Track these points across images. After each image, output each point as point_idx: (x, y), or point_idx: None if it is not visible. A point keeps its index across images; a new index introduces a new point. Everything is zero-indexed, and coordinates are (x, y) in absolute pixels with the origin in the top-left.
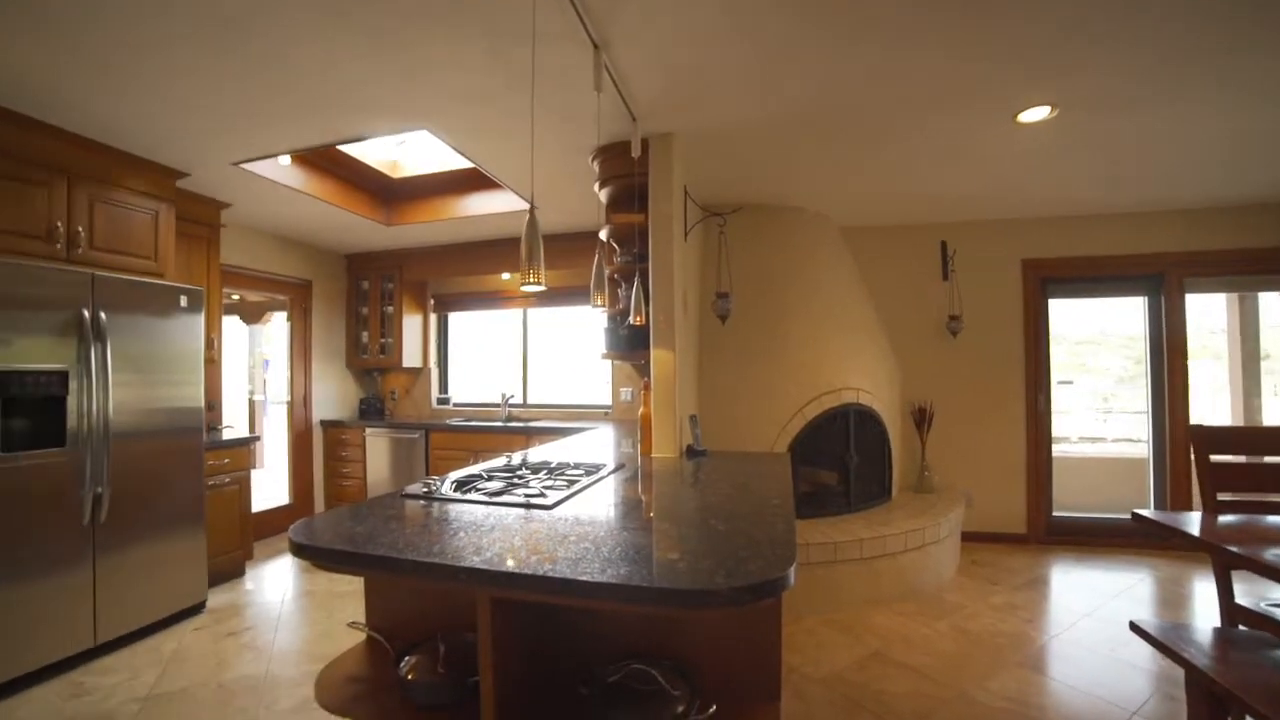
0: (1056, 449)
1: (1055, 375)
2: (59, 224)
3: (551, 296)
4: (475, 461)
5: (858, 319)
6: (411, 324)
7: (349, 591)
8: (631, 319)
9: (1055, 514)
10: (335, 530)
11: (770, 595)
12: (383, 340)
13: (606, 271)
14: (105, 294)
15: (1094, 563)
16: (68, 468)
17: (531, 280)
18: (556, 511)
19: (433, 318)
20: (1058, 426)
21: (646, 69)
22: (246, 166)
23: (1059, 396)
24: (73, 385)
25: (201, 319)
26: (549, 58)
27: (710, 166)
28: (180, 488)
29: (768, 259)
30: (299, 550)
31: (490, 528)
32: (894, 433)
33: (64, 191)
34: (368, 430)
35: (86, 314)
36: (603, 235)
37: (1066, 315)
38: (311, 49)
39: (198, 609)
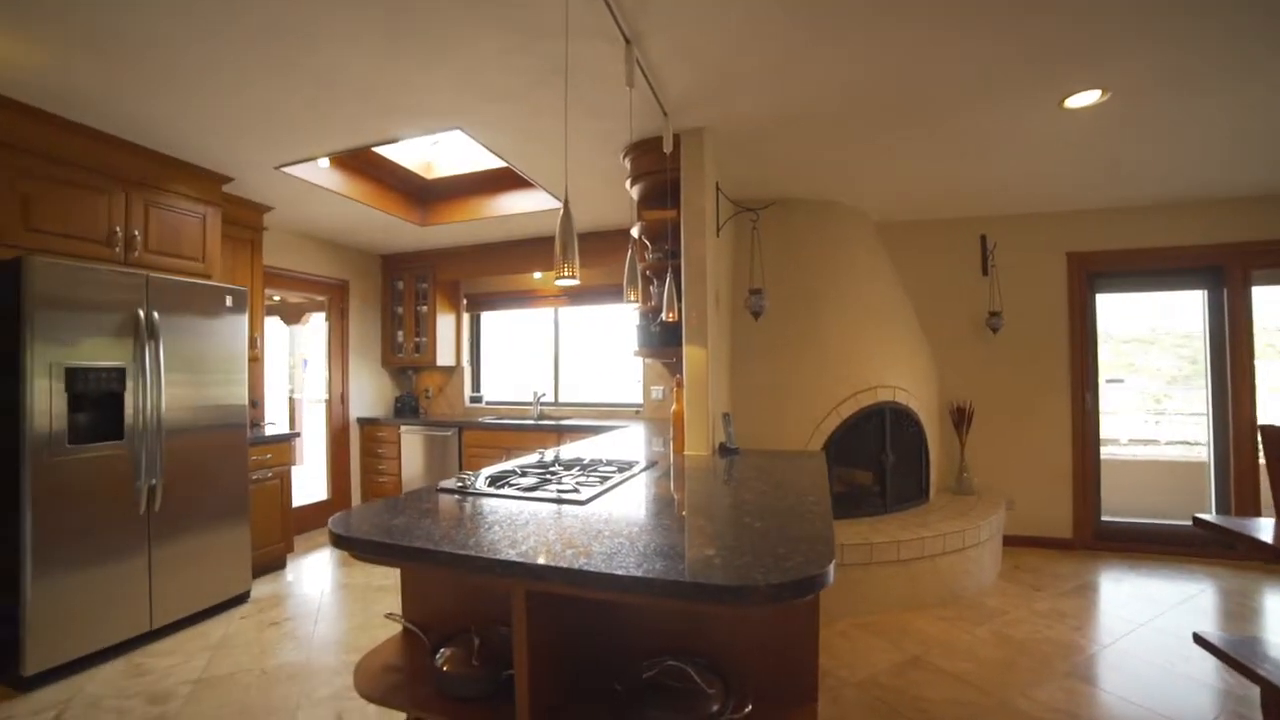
0: (1105, 451)
1: (1102, 375)
2: (117, 228)
3: (583, 295)
4: (508, 459)
5: (894, 316)
6: (445, 323)
7: (385, 585)
8: (664, 315)
9: (1104, 519)
10: (373, 522)
11: (809, 592)
12: (417, 339)
13: (639, 268)
14: (158, 295)
15: (1149, 570)
16: (125, 460)
17: (566, 274)
18: (590, 507)
19: (465, 317)
20: (1106, 428)
21: (678, 62)
22: (288, 170)
23: (1107, 397)
24: (129, 382)
25: (245, 319)
26: (579, 54)
27: (742, 161)
28: (226, 482)
29: (801, 255)
30: (339, 541)
31: (524, 522)
32: (931, 432)
33: (122, 198)
34: (403, 428)
35: (142, 314)
36: (634, 232)
37: (1112, 313)
38: (349, 54)
39: (242, 599)
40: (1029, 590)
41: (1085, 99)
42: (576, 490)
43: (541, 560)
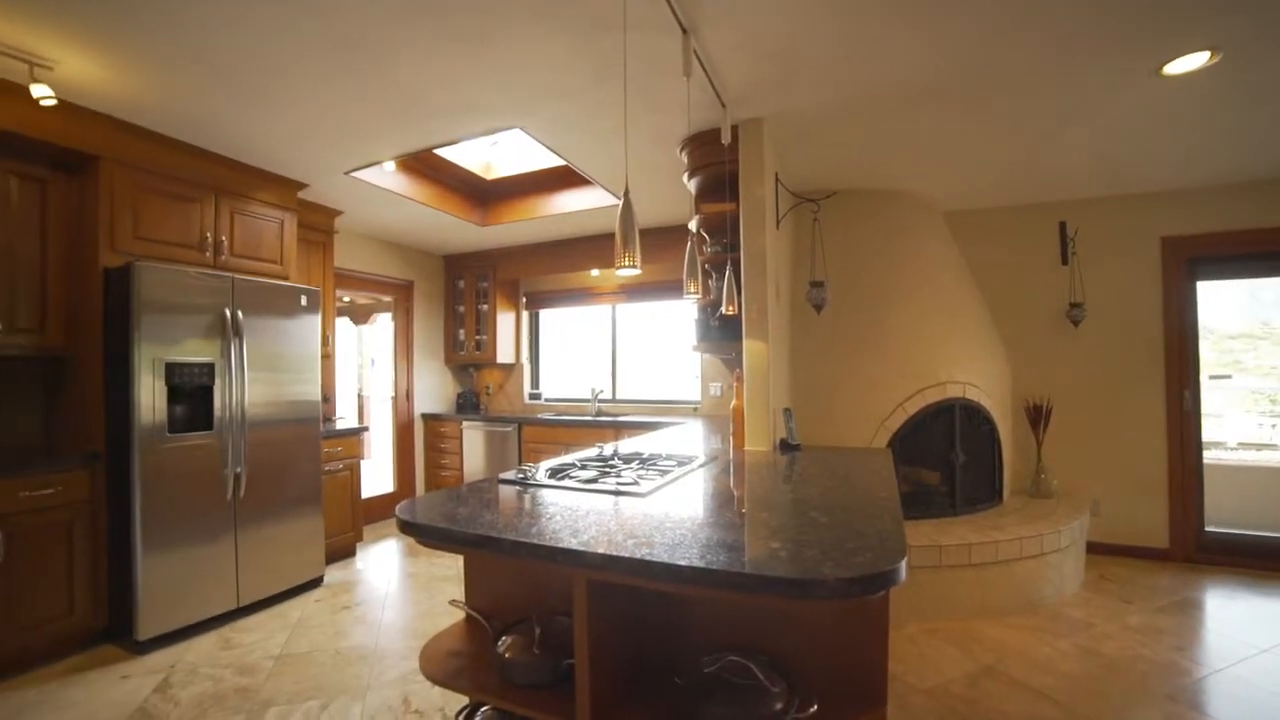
0: (1209, 455)
1: (1203, 372)
2: (208, 234)
3: (640, 291)
4: (565, 454)
5: (963, 308)
6: (505, 321)
7: (448, 576)
8: (723, 308)
9: (1209, 529)
10: (438, 510)
11: (879, 589)
12: (478, 337)
13: (698, 261)
14: (242, 295)
15: (1269, 589)
16: (214, 450)
17: (627, 264)
18: (650, 500)
19: (524, 315)
20: (1209, 430)
21: (736, 52)
22: (357, 175)
23: (1210, 396)
24: (218, 377)
25: (319, 318)
26: (637, 48)
27: (802, 151)
28: (301, 472)
29: (864, 246)
30: (406, 527)
31: (585, 513)
32: (1005, 431)
33: (212, 206)
34: (464, 423)
35: (228, 313)
36: (692, 226)
37: (1214, 307)
38: (414, 58)
39: (316, 583)
40: (1118, 603)
41: (1189, 64)
42: (636, 483)
43: (604, 550)
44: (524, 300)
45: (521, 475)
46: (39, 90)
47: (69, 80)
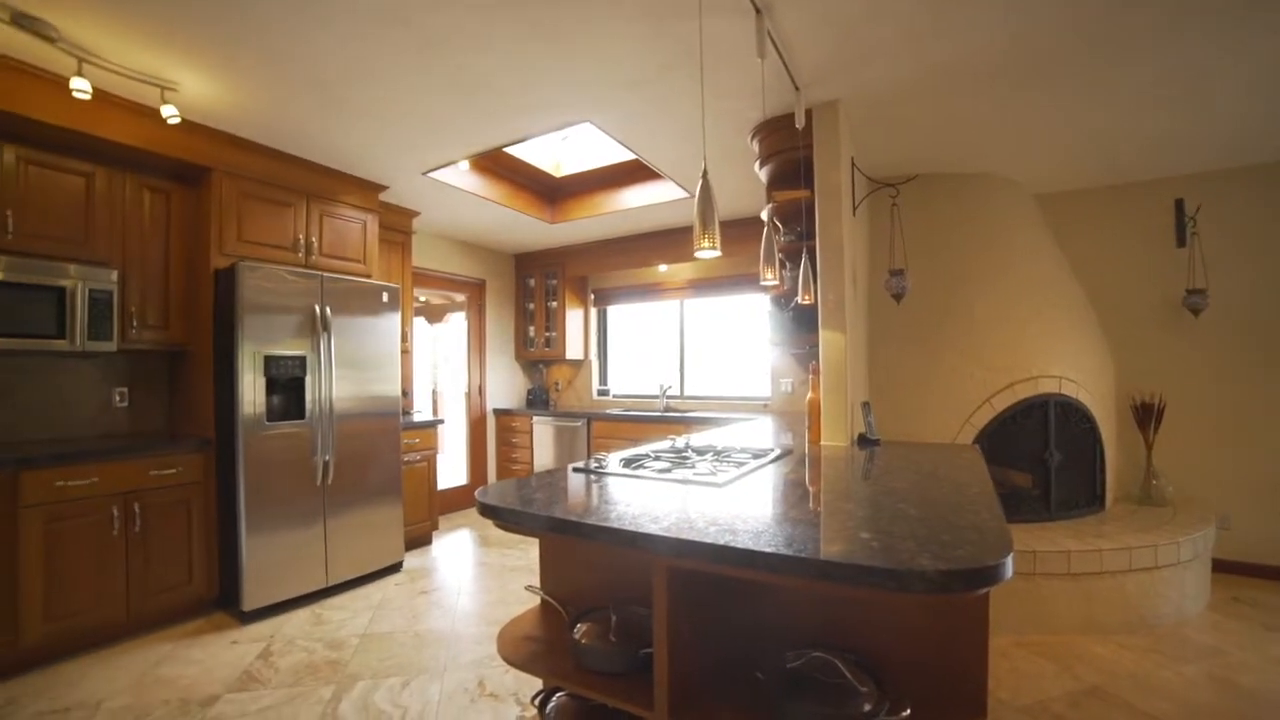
0: None
1: None
2: (300, 236)
3: (708, 285)
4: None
5: (1058, 297)
6: (574, 318)
7: (519, 566)
8: (799, 298)
9: None
10: (516, 496)
11: (983, 585)
12: (547, 334)
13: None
14: (330, 293)
15: None
16: (306, 438)
17: (706, 245)
18: (728, 490)
19: (593, 311)
20: None
21: (810, 30)
22: (433, 175)
23: None
24: (309, 370)
25: (399, 315)
26: (707, 32)
27: (879, 135)
28: (383, 462)
29: (947, 232)
30: (486, 510)
31: (663, 501)
32: (1107, 430)
33: (304, 209)
34: (535, 418)
35: (318, 309)
36: (764, 215)
37: None
38: (491, 56)
39: (396, 568)
40: (1258, 629)
41: None
42: (713, 474)
43: (686, 537)
44: (592, 297)
45: (596, 464)
46: (167, 110)
47: (189, 100)
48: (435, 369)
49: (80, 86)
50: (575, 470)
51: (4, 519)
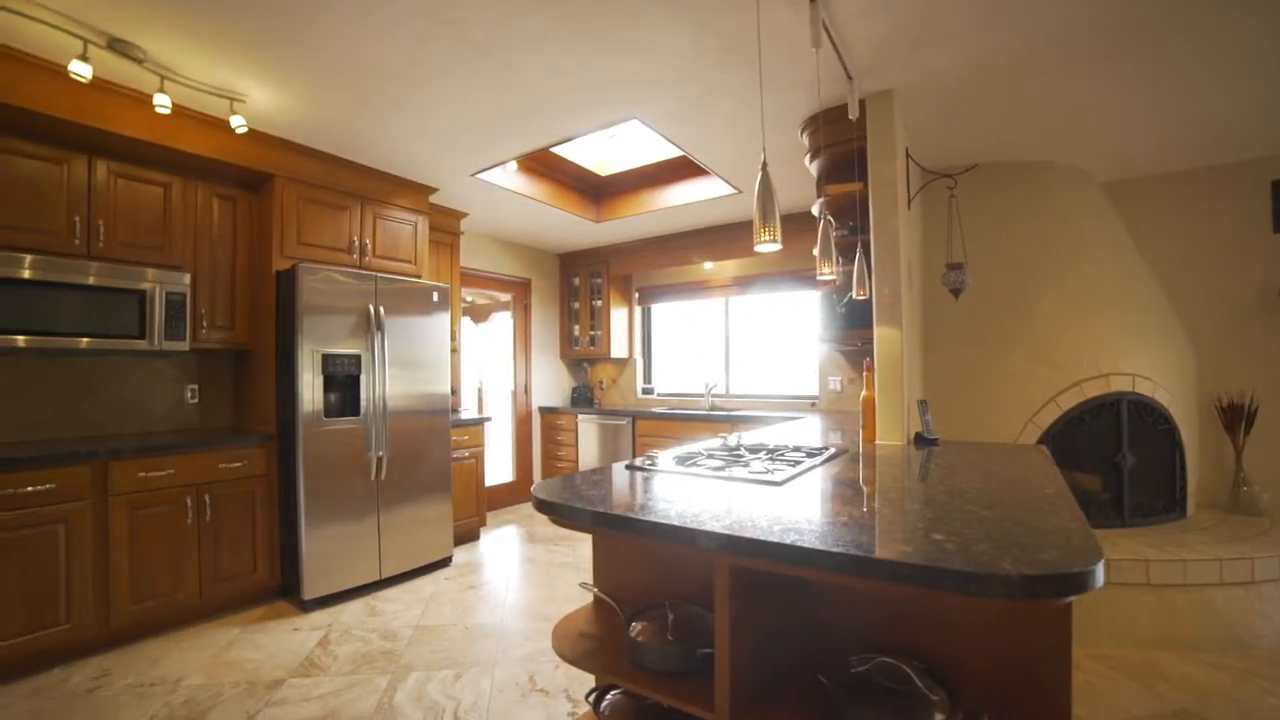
0: None
1: None
2: (355, 238)
3: (754, 282)
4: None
5: (1130, 290)
6: (618, 316)
7: (565, 563)
8: (854, 293)
9: None
10: (573, 493)
11: (1074, 591)
12: (592, 333)
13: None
14: (383, 293)
15: None
16: (360, 434)
17: (766, 238)
18: (787, 489)
19: (637, 310)
20: None
21: (865, 17)
22: (482, 176)
23: None
24: (363, 369)
25: (448, 315)
26: (746, 27)
27: (935, 124)
28: (434, 459)
29: (1008, 224)
30: (543, 506)
31: (721, 499)
32: (1188, 432)
33: (359, 212)
34: (580, 416)
35: (372, 309)
36: (814, 210)
37: None
38: (539, 54)
39: (445, 563)
40: None
41: None
42: (770, 472)
43: (751, 535)
44: (636, 295)
45: (651, 462)
46: (236, 120)
47: (255, 110)
48: (480, 368)
49: (162, 102)
50: (628, 467)
51: (96, 506)
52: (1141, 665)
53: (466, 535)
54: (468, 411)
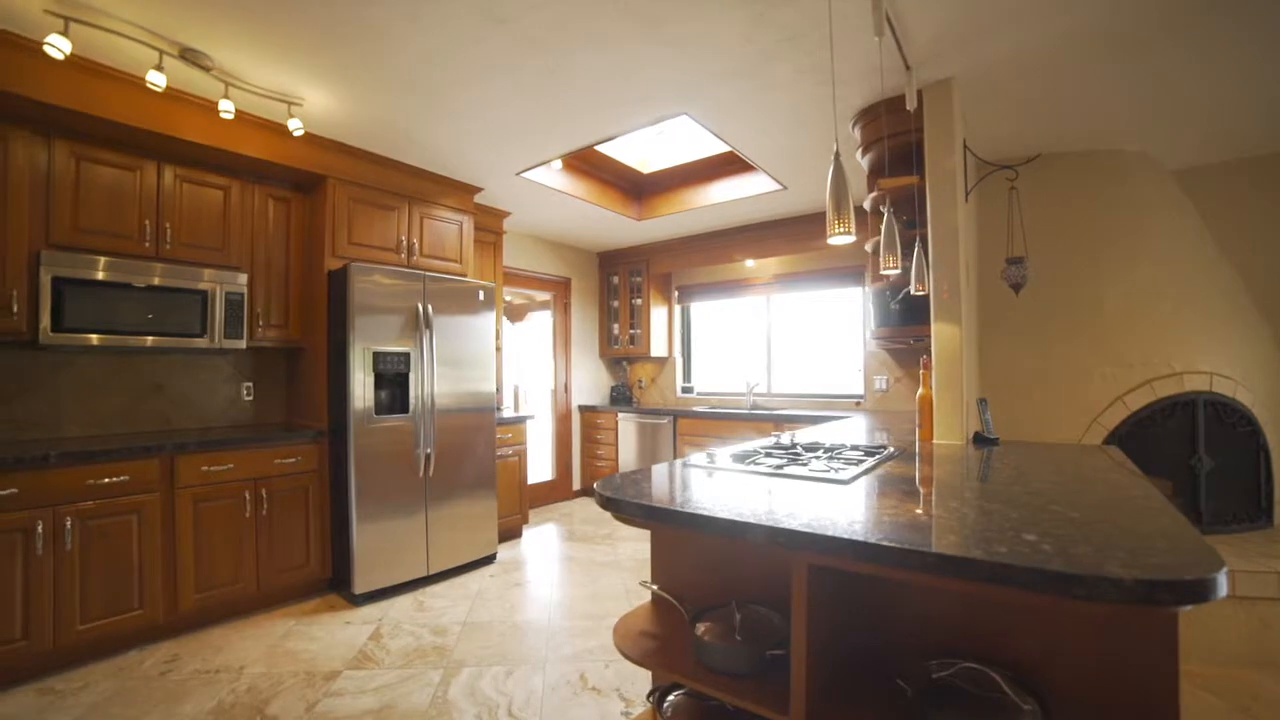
0: None
1: None
2: (403, 238)
3: (796, 280)
4: (722, 447)
5: (1206, 284)
6: (658, 315)
7: (608, 562)
8: (912, 288)
9: None
10: (636, 490)
11: (1196, 599)
12: (632, 331)
13: (878, 238)
14: (431, 292)
15: None
16: (409, 432)
17: (840, 230)
18: (854, 487)
19: (676, 308)
20: None
21: (927, 3)
22: (526, 175)
23: None
24: (412, 366)
25: (494, 313)
26: (809, 15)
27: (994, 113)
28: (479, 456)
29: (1071, 216)
30: (608, 503)
31: (789, 497)
32: (1275, 434)
33: (406, 212)
34: (620, 415)
35: (420, 307)
36: (866, 204)
37: None
38: (589, 51)
39: (490, 560)
40: None
41: None
42: (832, 471)
43: (835, 533)
44: (676, 294)
45: (709, 459)
46: (293, 124)
47: (310, 114)
48: (516, 367)
49: (226, 108)
50: (686, 465)
51: (165, 498)
52: (1231, 684)
53: (510, 533)
54: (507, 410)
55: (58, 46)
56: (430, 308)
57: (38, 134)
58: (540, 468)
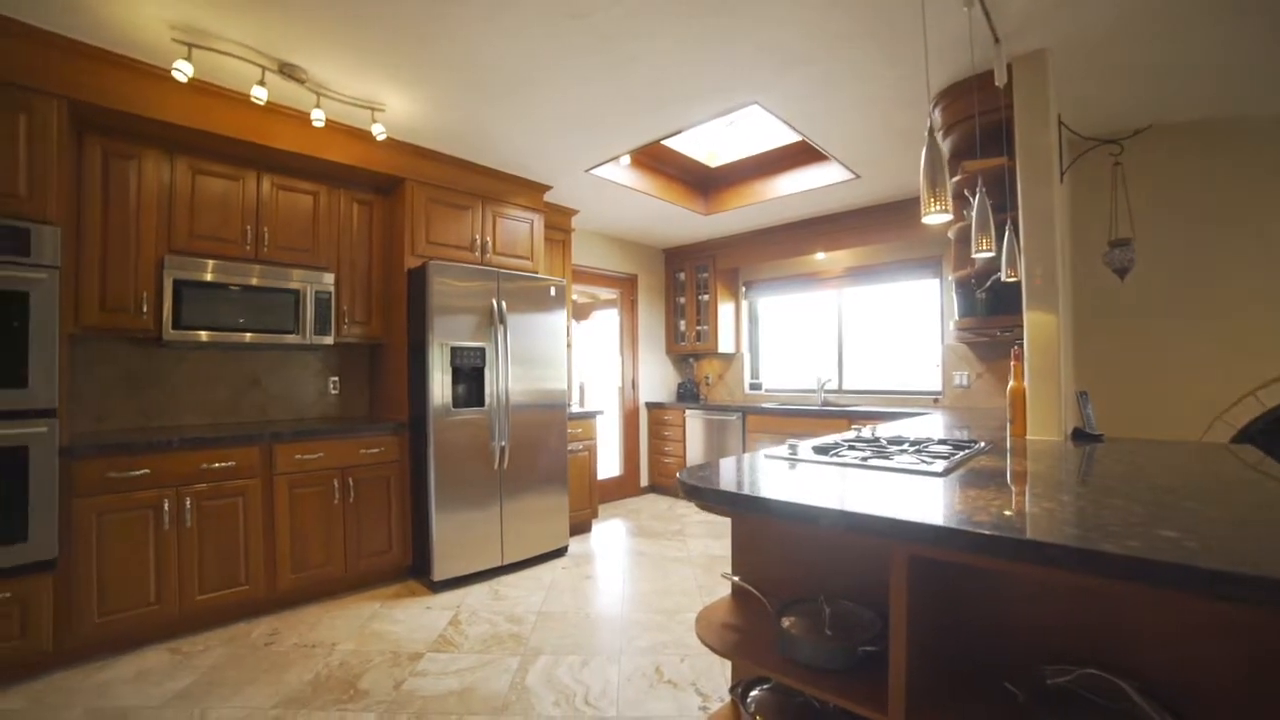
0: None
1: None
2: (476, 236)
3: (868, 273)
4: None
5: None
6: (724, 311)
7: (678, 557)
8: (1003, 275)
9: None
10: (722, 480)
11: None
12: (699, 328)
13: (962, 223)
14: (505, 289)
15: None
16: (485, 425)
17: (936, 209)
18: (949, 480)
19: (744, 304)
20: None
21: None
22: (594, 172)
23: None
24: (487, 362)
25: (564, 310)
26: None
27: (1092, 85)
28: (551, 451)
29: (1187, 192)
30: (692, 492)
31: (884, 488)
32: None
33: (480, 212)
34: (687, 411)
35: (494, 303)
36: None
37: None
38: (660, 42)
39: (561, 552)
40: None
41: None
42: (923, 464)
43: (940, 522)
44: (743, 289)
45: (792, 451)
46: (376, 129)
47: (391, 119)
48: (581, 364)
49: (318, 116)
50: (769, 457)
51: (265, 483)
52: None
53: (580, 526)
54: (579, 405)
55: (183, 71)
56: (504, 304)
57: (164, 151)
58: (608, 464)
